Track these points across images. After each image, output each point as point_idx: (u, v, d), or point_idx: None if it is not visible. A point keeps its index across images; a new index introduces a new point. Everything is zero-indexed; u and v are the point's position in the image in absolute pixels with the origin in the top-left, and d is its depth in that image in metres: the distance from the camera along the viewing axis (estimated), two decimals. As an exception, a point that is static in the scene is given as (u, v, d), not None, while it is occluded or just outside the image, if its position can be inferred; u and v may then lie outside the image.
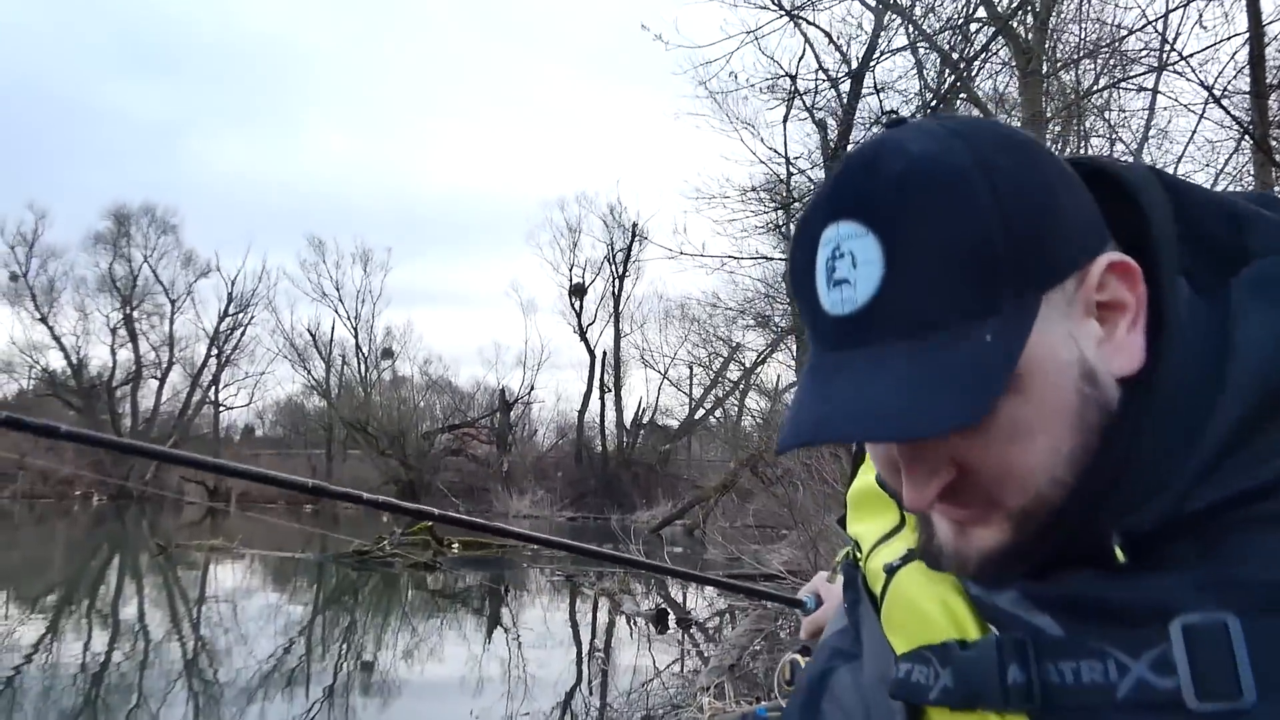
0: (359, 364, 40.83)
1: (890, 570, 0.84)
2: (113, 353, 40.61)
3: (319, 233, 45.94)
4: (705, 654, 8.58)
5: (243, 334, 41.51)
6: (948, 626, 0.74)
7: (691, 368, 34.80)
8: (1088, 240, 0.66)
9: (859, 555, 0.97)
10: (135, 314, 40.77)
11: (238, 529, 17.30)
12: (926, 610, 0.77)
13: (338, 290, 40.75)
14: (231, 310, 41.14)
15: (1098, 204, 0.68)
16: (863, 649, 0.89)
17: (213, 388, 41.89)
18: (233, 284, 40.96)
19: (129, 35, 56.99)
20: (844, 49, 13.62)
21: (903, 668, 0.75)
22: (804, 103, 14.64)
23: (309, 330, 40.70)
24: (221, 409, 42.61)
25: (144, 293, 41.13)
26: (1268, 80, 10.36)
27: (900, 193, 0.63)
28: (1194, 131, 11.50)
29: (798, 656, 1.42)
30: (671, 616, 10.57)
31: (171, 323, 41.29)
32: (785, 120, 15.74)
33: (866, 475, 1.00)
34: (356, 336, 40.59)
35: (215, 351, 41.29)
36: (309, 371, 40.93)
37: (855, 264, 0.64)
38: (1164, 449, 0.63)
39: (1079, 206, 0.66)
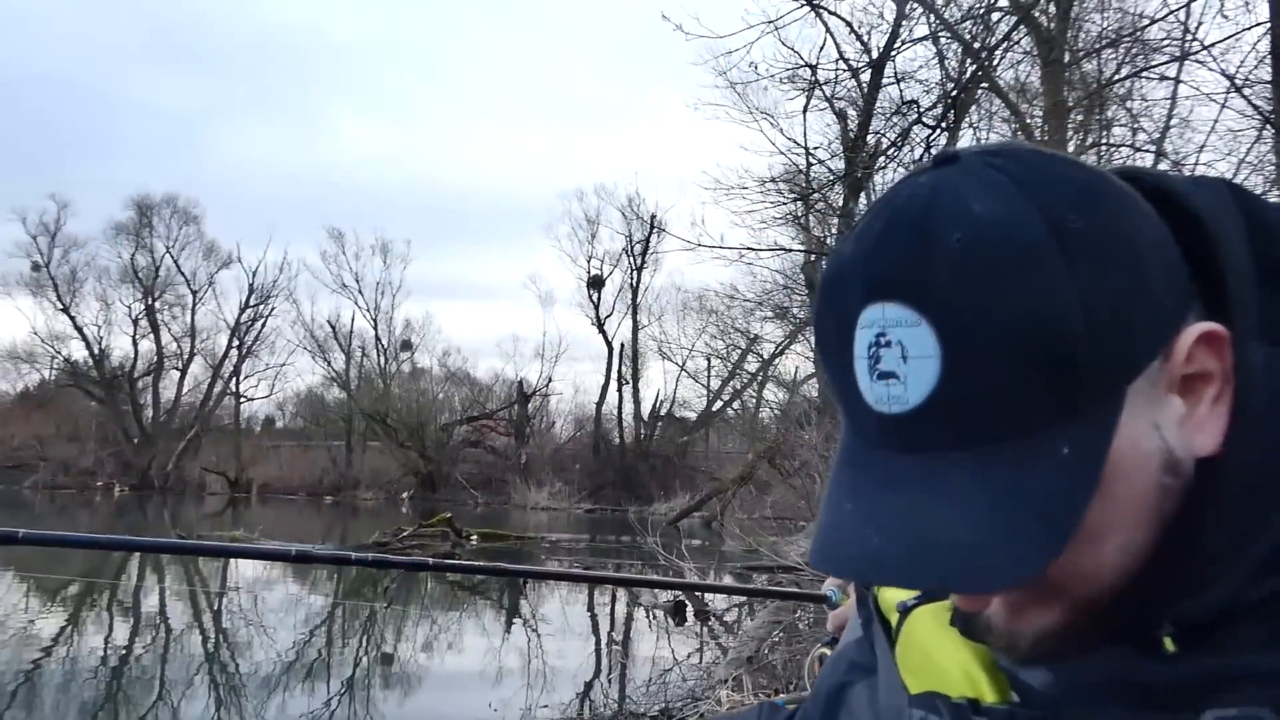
0: (378, 356, 41.02)
1: (904, 610, 0.79)
2: (134, 343, 40.96)
3: (339, 224, 46.08)
4: (724, 645, 8.58)
5: (263, 325, 41.76)
6: (961, 682, 0.69)
7: (709, 359, 34.81)
8: (1175, 310, 0.56)
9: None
10: (157, 305, 41.07)
11: (258, 520, 17.44)
12: (941, 664, 0.72)
13: (358, 282, 40.92)
14: (252, 301, 41.38)
15: (1179, 243, 0.58)
16: (878, 668, 0.85)
17: (234, 379, 42.18)
18: (254, 275, 41.20)
19: (156, 28, 57.13)
20: (865, 39, 13.52)
21: (915, 714, 0.70)
22: (824, 93, 14.54)
23: (329, 322, 40.93)
24: (242, 400, 42.92)
25: (166, 283, 41.41)
26: (1292, 69, 10.24)
27: (961, 273, 0.52)
28: (1215, 121, 11.35)
29: (826, 650, 1.42)
30: (690, 608, 10.58)
31: (193, 314, 41.60)
32: (805, 110, 15.64)
33: None
34: (376, 328, 40.78)
35: (236, 342, 41.57)
36: (329, 363, 41.16)
37: (905, 357, 0.54)
38: (1234, 534, 0.56)
39: (1167, 267, 0.56)
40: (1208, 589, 0.57)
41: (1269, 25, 10.05)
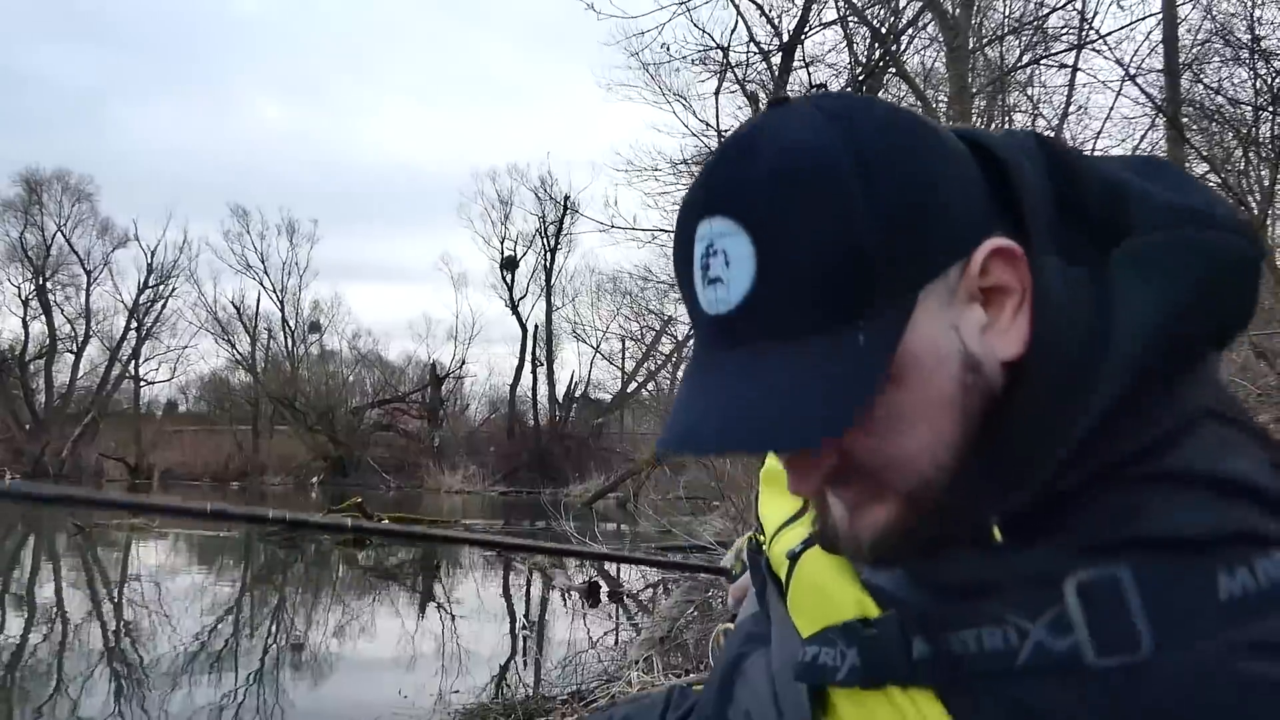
0: (285, 338, 40.01)
1: (794, 556, 0.85)
2: (25, 325, 39.13)
3: (244, 202, 44.73)
4: (639, 626, 8.65)
5: (163, 306, 40.29)
6: (852, 607, 0.74)
7: (624, 341, 34.84)
8: (971, 227, 0.64)
9: (763, 539, 0.98)
10: (49, 284, 39.31)
11: (160, 507, 16.90)
12: (831, 592, 0.77)
13: (263, 262, 39.75)
14: (152, 282, 39.90)
15: (986, 180, 0.67)
16: (772, 631, 0.89)
17: (132, 362, 40.69)
18: (152, 255, 39.72)
19: (58, 1, 54.58)
20: (775, 22, 13.63)
21: (809, 651, 0.74)
22: (735, 75, 14.61)
23: (233, 303, 39.75)
24: (142, 384, 41.46)
25: (58, 263, 39.59)
26: (1180, 59, 10.66)
27: (771, 187, 0.62)
28: (1111, 108, 11.75)
29: (729, 625, 1.44)
30: (604, 590, 10.63)
31: (88, 294, 39.87)
32: (717, 93, 15.69)
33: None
34: (283, 310, 39.72)
35: (135, 324, 40.02)
36: (233, 346, 40.01)
37: (728, 262, 0.63)
38: (1044, 428, 0.64)
39: (964, 192, 0.65)
40: (1026, 484, 0.64)
41: (1161, 16, 10.46)
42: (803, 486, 0.70)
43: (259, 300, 40.15)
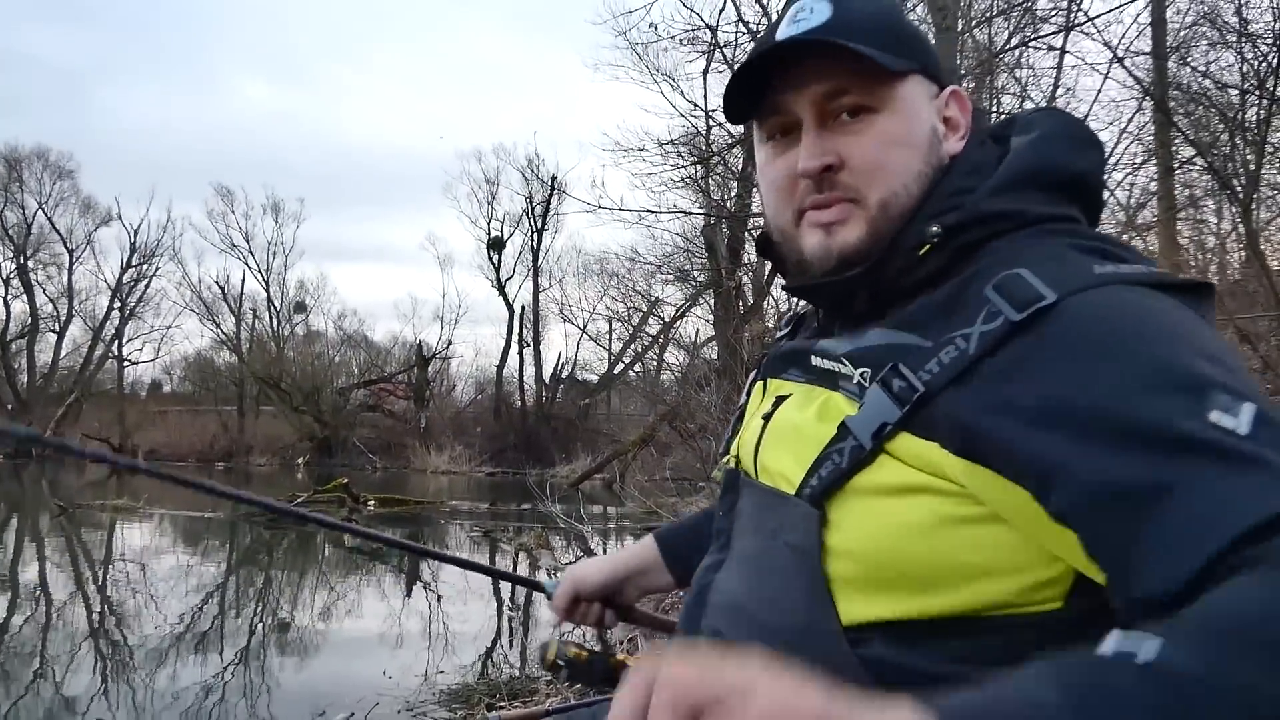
0: (271, 318, 39.79)
1: (766, 416, 1.04)
2: (5, 305, 38.89)
3: (229, 182, 44.32)
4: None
5: (147, 286, 40.02)
6: (835, 412, 0.92)
7: (610, 322, 34.68)
8: (944, 74, 1.06)
9: (732, 458, 1.12)
10: (30, 264, 38.97)
11: (143, 487, 16.82)
12: (809, 413, 0.96)
13: (248, 241, 39.48)
14: (135, 261, 39.60)
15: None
16: (737, 547, 1.04)
17: (116, 342, 40.42)
18: (135, 234, 39.40)
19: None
20: (765, 2, 13.56)
21: (815, 474, 0.90)
22: (724, 55, 14.56)
23: (218, 283, 39.50)
24: (126, 364, 41.22)
25: (39, 241, 39.23)
26: (1167, 42, 10.67)
27: None
28: (1099, 90, 11.77)
29: (558, 637, 1.57)
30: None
31: (70, 273, 39.62)
32: (705, 73, 15.69)
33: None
34: (268, 290, 39.48)
35: (118, 304, 39.78)
36: (218, 325, 39.77)
37: (813, 10, 0.99)
38: (961, 188, 0.98)
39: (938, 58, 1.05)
40: (950, 212, 0.96)
41: (1149, -1, 10.43)
42: (812, 162, 0.98)
43: (244, 280, 39.93)
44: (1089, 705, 0.53)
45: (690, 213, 17.81)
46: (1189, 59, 11.52)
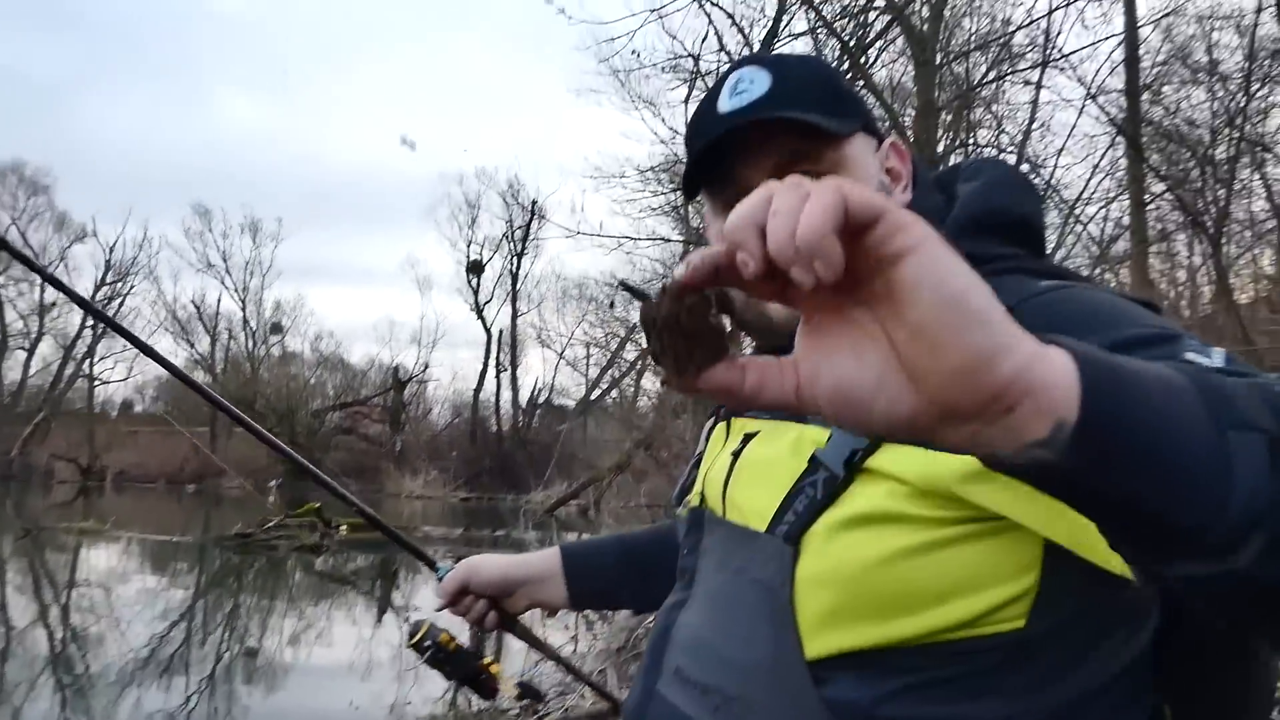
0: (246, 339, 39.49)
1: (735, 453, 1.03)
2: (-26, 321, 38.35)
3: (207, 201, 44.01)
4: (597, 635, 8.58)
5: (121, 304, 39.59)
6: (807, 444, 0.92)
7: (588, 347, 34.72)
8: (881, 127, 1.09)
9: (697, 495, 1.11)
10: (1, 279, 38.53)
11: (112, 509, 16.58)
12: (781, 446, 0.95)
13: (224, 261, 39.24)
14: (110, 279, 39.23)
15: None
16: (702, 585, 1.03)
17: (87, 360, 39.96)
18: (111, 251, 39.06)
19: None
20: (746, 31, 13.67)
21: (789, 508, 0.90)
22: (705, 83, 14.62)
23: (193, 302, 39.20)
24: (97, 383, 40.74)
25: (11, 257, 38.79)
26: (1140, 80, 10.84)
27: (780, 56, 1.08)
28: (1074, 126, 11.93)
29: (432, 620, 1.59)
30: (564, 598, 10.54)
31: (42, 290, 39.11)
32: (687, 100, 15.70)
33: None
34: (244, 310, 39.23)
35: (90, 322, 39.35)
36: (192, 345, 39.44)
37: (753, 80, 1.01)
38: None
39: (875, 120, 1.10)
40: None
41: (1123, 36, 10.61)
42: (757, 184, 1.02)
43: (220, 300, 39.60)
44: (1204, 382, 0.57)
45: (670, 239, 17.85)
46: (1161, 96, 11.71)
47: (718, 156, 1.02)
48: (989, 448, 0.51)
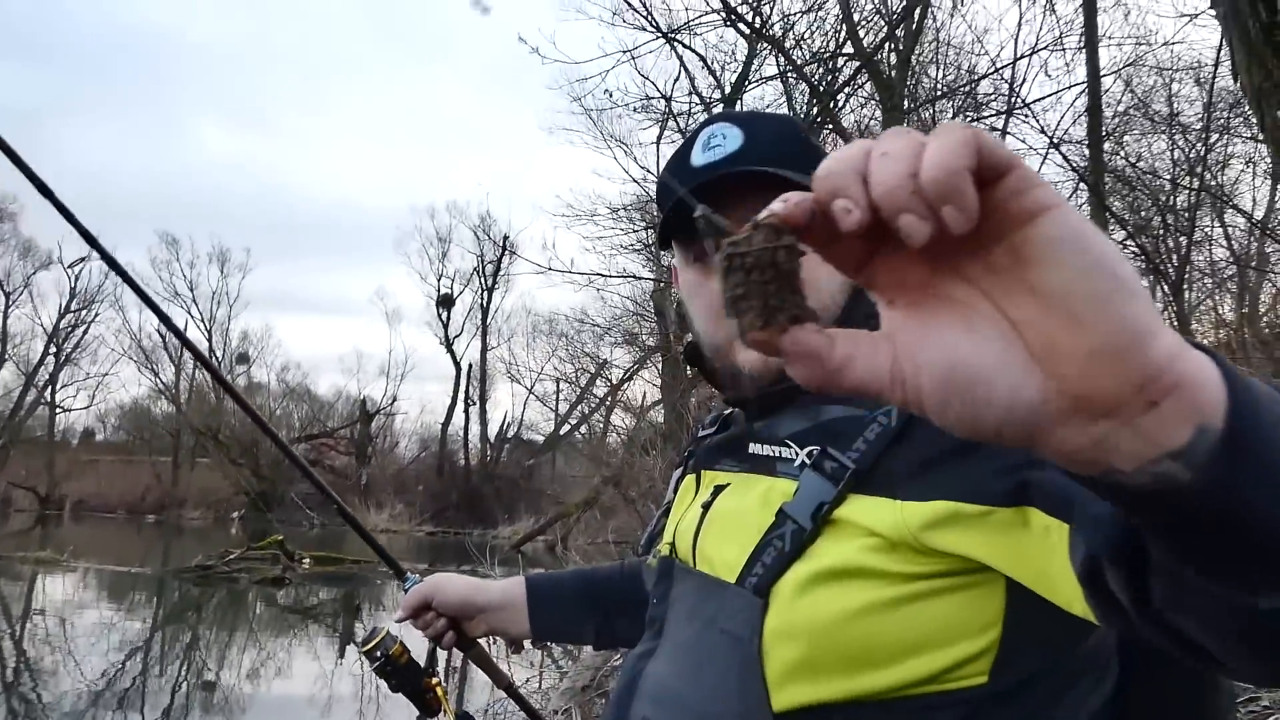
0: (211, 368, 38.95)
1: (706, 505, 1.05)
2: (-65, 347, 37.68)
3: (175, 231, 43.67)
4: (564, 672, 8.52)
5: (85, 332, 39.10)
6: (776, 497, 0.94)
7: (558, 383, 34.66)
8: None
9: (667, 545, 1.12)
10: (-40, 304, 37.91)
11: (70, 538, 16.28)
12: (750, 499, 0.97)
13: (191, 291, 38.91)
14: (74, 307, 38.76)
15: None
16: (670, 635, 1.04)
17: (49, 388, 39.35)
18: (75, 279, 38.59)
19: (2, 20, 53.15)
20: (718, 74, 13.89)
21: (758, 560, 0.91)
22: (677, 124, 14.82)
23: (158, 331, 38.71)
24: (58, 410, 40.09)
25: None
26: (1102, 129, 11.10)
27: (751, 113, 1.13)
28: (1038, 172, 12.11)
29: (391, 628, 1.59)
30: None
31: (5, 317, 38.53)
32: (658, 141, 15.92)
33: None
34: (210, 340, 38.81)
35: (54, 349, 38.79)
36: (156, 374, 38.95)
37: (725, 136, 1.05)
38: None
39: None
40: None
41: (1086, 85, 10.88)
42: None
43: (185, 329, 39.00)
44: None
45: (640, 277, 18.00)
46: (1123, 145, 11.99)
47: (690, 209, 1.04)
48: (1111, 457, 0.42)
